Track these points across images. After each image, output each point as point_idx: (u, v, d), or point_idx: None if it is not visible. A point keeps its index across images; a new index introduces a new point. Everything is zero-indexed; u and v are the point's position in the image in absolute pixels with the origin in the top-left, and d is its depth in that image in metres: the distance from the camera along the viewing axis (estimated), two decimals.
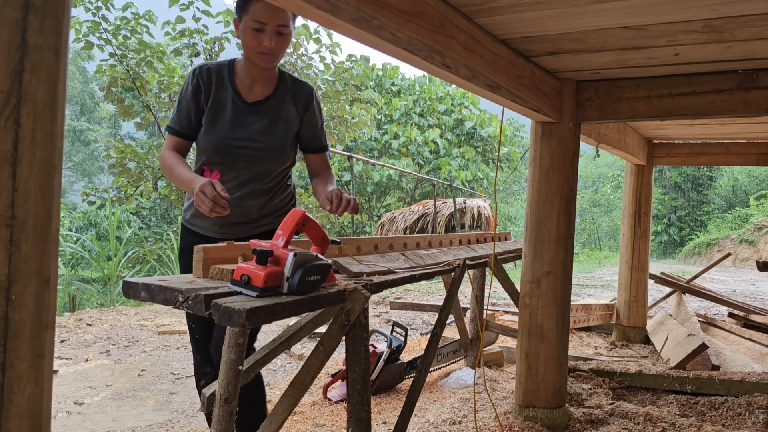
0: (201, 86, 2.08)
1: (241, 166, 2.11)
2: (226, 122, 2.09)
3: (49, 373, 0.68)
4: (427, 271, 2.15)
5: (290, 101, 2.17)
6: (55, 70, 0.66)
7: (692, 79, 2.67)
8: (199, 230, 2.19)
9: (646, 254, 4.94)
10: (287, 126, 2.16)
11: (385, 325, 5.88)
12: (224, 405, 1.58)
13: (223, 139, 2.08)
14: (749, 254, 17.18)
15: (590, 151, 3.90)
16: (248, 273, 1.40)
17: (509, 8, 1.87)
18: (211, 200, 1.78)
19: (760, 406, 3.02)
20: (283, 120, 2.15)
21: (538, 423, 2.77)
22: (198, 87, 2.09)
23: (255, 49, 1.98)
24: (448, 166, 16.19)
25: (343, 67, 10.70)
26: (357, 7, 1.35)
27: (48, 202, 0.66)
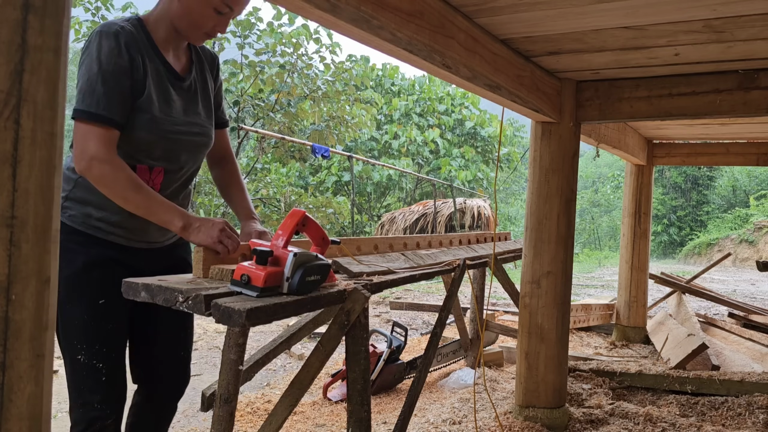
0: (131, 54, 1.56)
1: (183, 160, 1.72)
2: (162, 103, 1.64)
3: (49, 373, 0.68)
4: (427, 271, 2.15)
5: (207, 70, 1.81)
6: (55, 70, 0.66)
7: (692, 79, 2.67)
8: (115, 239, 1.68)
9: (646, 254, 4.94)
10: (212, 103, 1.81)
11: (385, 325, 5.88)
12: (224, 405, 1.58)
13: (165, 125, 1.63)
14: (749, 254, 17.18)
15: (590, 151, 3.90)
16: (248, 273, 1.40)
17: (509, 8, 1.87)
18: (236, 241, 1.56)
19: (760, 406, 3.02)
20: (208, 96, 1.80)
21: (538, 423, 2.76)
22: (129, 56, 1.56)
23: (203, 28, 1.64)
24: (448, 167, 16.19)
25: (343, 67, 10.70)
26: (357, 7, 1.35)
27: (48, 202, 0.66)
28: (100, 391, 1.64)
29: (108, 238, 1.67)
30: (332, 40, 10.54)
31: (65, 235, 1.57)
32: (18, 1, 0.62)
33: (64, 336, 1.63)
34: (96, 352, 1.63)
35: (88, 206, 1.63)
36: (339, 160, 15.22)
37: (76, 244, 1.63)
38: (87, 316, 1.62)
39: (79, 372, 1.62)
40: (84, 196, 1.62)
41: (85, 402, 1.62)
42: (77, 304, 1.61)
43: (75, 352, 1.61)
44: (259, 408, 3.17)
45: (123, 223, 1.66)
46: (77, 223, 1.63)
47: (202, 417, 3.10)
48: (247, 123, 10.74)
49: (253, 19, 9.82)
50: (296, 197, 10.32)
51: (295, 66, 9.92)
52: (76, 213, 1.64)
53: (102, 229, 1.65)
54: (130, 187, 1.51)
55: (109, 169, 1.49)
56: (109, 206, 1.61)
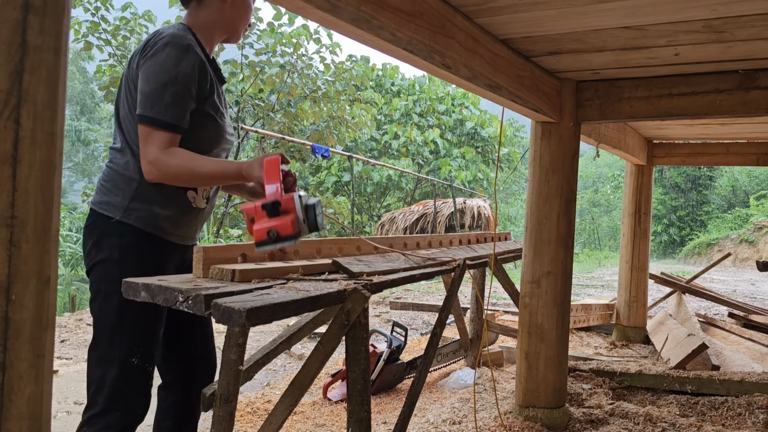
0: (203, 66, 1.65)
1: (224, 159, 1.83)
2: (220, 106, 1.76)
3: (49, 373, 0.68)
4: (427, 271, 2.15)
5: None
6: (55, 70, 0.66)
7: (692, 79, 2.67)
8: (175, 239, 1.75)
9: (646, 254, 4.94)
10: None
11: (385, 325, 5.88)
12: (224, 405, 1.58)
13: (224, 126, 1.77)
14: (749, 254, 17.18)
15: (590, 151, 3.90)
16: (274, 228, 1.43)
17: (509, 8, 1.87)
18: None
19: (760, 406, 3.02)
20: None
21: (538, 423, 2.76)
22: (203, 67, 1.65)
23: (243, 25, 1.78)
24: (448, 167, 16.19)
25: (343, 67, 10.70)
26: (357, 7, 1.35)
27: (48, 202, 0.66)
28: (145, 395, 1.66)
29: (169, 239, 1.72)
30: (332, 40, 10.54)
31: (134, 237, 1.64)
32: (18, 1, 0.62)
33: (120, 338, 1.61)
34: (150, 355, 1.66)
35: (153, 205, 1.66)
36: (339, 160, 15.22)
37: (145, 246, 1.67)
38: (150, 318, 1.65)
39: (128, 375, 1.61)
40: (150, 194, 1.65)
41: (126, 405, 1.61)
42: (144, 308, 1.60)
43: (130, 354, 1.61)
44: (259, 408, 3.17)
45: (182, 218, 1.73)
46: (144, 224, 1.66)
47: (202, 417, 3.09)
48: (247, 123, 10.74)
49: (253, 19, 9.82)
50: None
51: (295, 66, 9.92)
52: (144, 214, 1.65)
53: (165, 229, 1.70)
54: (191, 163, 1.57)
55: (166, 159, 1.55)
56: (172, 203, 1.69)
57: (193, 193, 1.75)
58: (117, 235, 1.63)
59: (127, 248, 1.63)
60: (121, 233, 1.63)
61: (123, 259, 1.62)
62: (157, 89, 1.55)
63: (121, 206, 1.65)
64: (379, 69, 18.13)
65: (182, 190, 1.71)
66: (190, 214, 1.75)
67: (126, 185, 1.65)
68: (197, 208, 1.78)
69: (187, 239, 1.80)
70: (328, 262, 1.87)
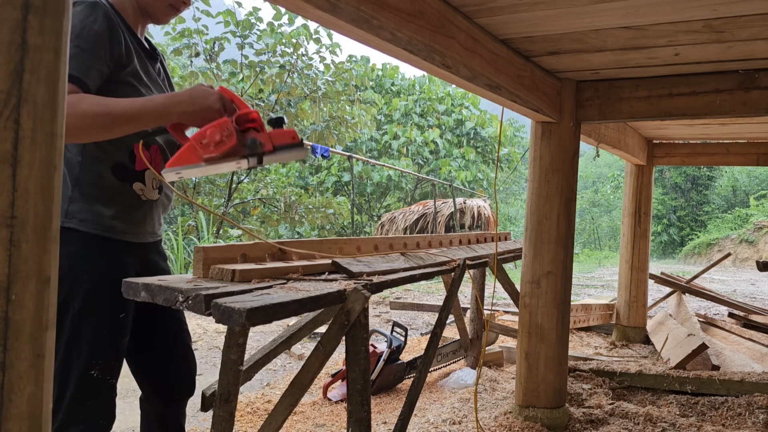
0: (110, 26, 1.48)
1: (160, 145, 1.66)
2: (147, 78, 1.61)
3: (49, 373, 0.68)
4: (427, 271, 2.15)
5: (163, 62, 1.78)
6: (55, 70, 0.66)
7: (692, 79, 2.67)
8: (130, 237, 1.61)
9: (646, 254, 4.94)
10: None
11: (385, 325, 5.88)
12: (224, 405, 1.58)
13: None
14: (749, 254, 17.18)
15: (590, 151, 3.90)
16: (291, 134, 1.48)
17: (509, 8, 1.87)
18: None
19: (760, 406, 3.02)
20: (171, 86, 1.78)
21: (538, 423, 2.76)
22: (113, 27, 1.48)
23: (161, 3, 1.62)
24: (448, 167, 16.20)
25: (343, 67, 10.71)
26: (357, 7, 1.35)
27: (48, 202, 0.66)
28: (108, 408, 1.58)
29: (123, 239, 1.59)
30: (332, 40, 10.54)
31: (82, 244, 1.50)
32: (18, 1, 0.62)
33: (77, 350, 1.51)
34: (111, 368, 1.57)
35: (96, 203, 1.53)
36: (339, 161, 15.22)
37: (95, 251, 1.53)
38: (107, 330, 1.55)
39: (88, 388, 1.52)
40: (89, 192, 1.52)
41: (89, 418, 1.53)
42: (99, 318, 1.53)
43: (88, 367, 1.52)
44: (259, 408, 3.17)
45: (133, 214, 1.60)
46: (91, 227, 1.52)
47: (202, 417, 3.10)
48: None
49: (253, 19, 9.82)
50: (296, 197, 10.32)
51: (295, 66, 9.92)
52: (88, 216, 1.52)
53: (116, 228, 1.57)
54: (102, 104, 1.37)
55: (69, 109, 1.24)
56: (117, 198, 1.56)
57: (139, 184, 1.60)
58: (64, 243, 1.42)
59: (75, 256, 1.48)
60: (68, 240, 1.46)
61: (73, 268, 1.48)
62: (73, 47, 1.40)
63: (62, 211, 1.48)
64: (379, 69, 18.14)
65: (127, 183, 1.57)
66: (142, 209, 1.62)
67: (65, 187, 1.51)
68: (149, 200, 1.64)
69: (145, 236, 1.67)
70: (328, 262, 1.87)
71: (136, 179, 1.60)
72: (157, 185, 1.66)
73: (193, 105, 1.44)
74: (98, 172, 1.53)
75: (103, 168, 1.54)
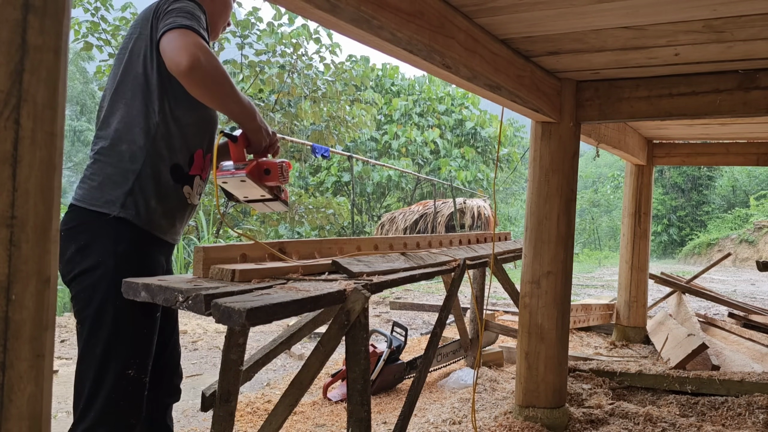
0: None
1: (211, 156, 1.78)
2: None
3: (49, 373, 0.68)
4: (427, 271, 2.15)
5: None
6: (55, 70, 0.66)
7: (692, 79, 2.67)
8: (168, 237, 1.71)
9: (646, 254, 4.94)
10: None
11: (385, 325, 5.88)
12: (224, 405, 1.58)
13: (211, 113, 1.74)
14: (749, 254, 17.18)
15: (590, 151, 3.90)
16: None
17: (509, 8, 1.87)
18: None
19: (760, 406, 3.02)
20: None
21: (538, 423, 2.76)
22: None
23: (228, 18, 1.81)
24: (448, 167, 16.19)
25: (343, 67, 10.71)
26: (357, 7, 1.35)
27: (48, 202, 0.66)
28: (139, 408, 1.59)
29: (164, 237, 1.66)
30: (332, 40, 10.55)
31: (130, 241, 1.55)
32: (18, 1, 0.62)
33: (116, 349, 1.53)
34: (146, 366, 1.59)
35: (152, 198, 1.58)
36: (339, 161, 15.22)
37: (143, 252, 1.59)
38: (148, 329, 1.59)
39: (124, 387, 1.53)
40: (148, 186, 1.58)
41: (120, 417, 1.54)
42: (140, 318, 1.56)
43: (126, 366, 1.53)
44: (259, 408, 3.17)
45: (177, 215, 1.68)
46: (142, 221, 1.58)
47: (202, 417, 3.10)
48: None
49: (253, 19, 9.82)
50: (296, 197, 10.32)
51: (295, 66, 9.92)
52: (142, 209, 1.57)
53: (162, 227, 1.64)
54: (225, 70, 1.50)
55: (212, 55, 1.46)
56: (170, 197, 1.63)
57: (188, 188, 1.70)
58: (111, 240, 1.53)
59: (122, 255, 1.54)
60: (117, 237, 1.53)
61: (118, 267, 1.53)
62: (181, 13, 1.50)
63: (117, 201, 1.54)
64: (379, 69, 18.14)
65: (179, 184, 1.66)
66: (184, 211, 1.71)
67: (122, 178, 1.56)
68: (191, 204, 1.74)
69: (176, 237, 1.75)
70: (328, 262, 1.87)
71: (186, 182, 1.68)
72: (200, 192, 1.77)
73: (261, 121, 1.64)
74: (159, 169, 1.60)
75: (164, 166, 1.61)
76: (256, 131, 1.63)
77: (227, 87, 1.49)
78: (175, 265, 8.05)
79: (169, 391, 1.82)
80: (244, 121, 1.60)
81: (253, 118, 1.61)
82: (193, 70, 1.41)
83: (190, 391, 3.68)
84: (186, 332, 5.29)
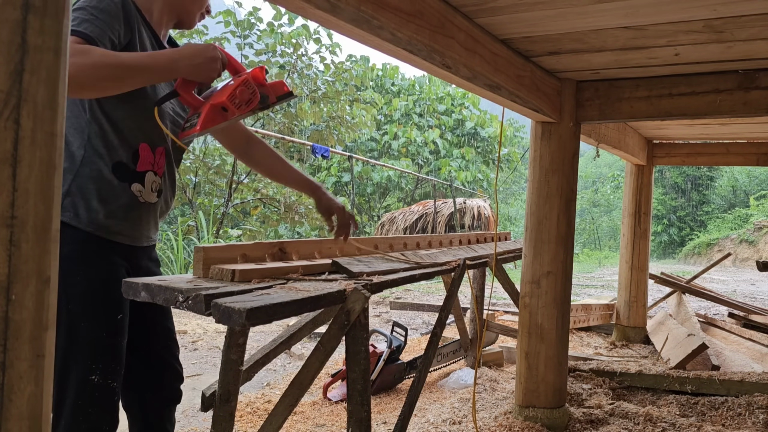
0: (129, 15, 1.51)
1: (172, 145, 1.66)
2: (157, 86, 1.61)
3: (49, 373, 0.68)
4: (427, 271, 2.15)
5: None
6: (55, 70, 0.66)
7: (692, 79, 2.67)
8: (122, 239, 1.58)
9: (646, 254, 4.94)
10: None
11: (385, 325, 5.88)
12: (224, 405, 1.58)
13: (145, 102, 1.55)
14: (749, 254, 17.18)
15: (590, 151, 3.90)
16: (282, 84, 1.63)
17: (509, 8, 1.87)
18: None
19: (760, 406, 3.02)
20: None
21: (538, 423, 2.76)
22: (129, 15, 1.51)
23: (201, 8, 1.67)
24: (448, 167, 16.20)
25: (342, 67, 10.71)
26: (357, 7, 1.35)
27: (48, 202, 0.66)
28: (110, 414, 1.54)
29: (116, 239, 1.56)
30: (332, 40, 10.55)
31: (74, 243, 1.46)
32: (18, 1, 0.62)
33: (74, 356, 1.48)
34: (111, 371, 1.53)
35: (92, 198, 1.49)
36: (339, 161, 15.22)
37: (91, 253, 1.51)
38: (105, 333, 1.52)
39: (89, 394, 1.48)
40: (87, 187, 1.49)
41: (92, 425, 1.49)
42: (96, 322, 1.50)
43: (88, 372, 1.48)
44: (259, 408, 3.17)
45: (129, 215, 1.57)
46: (84, 224, 1.49)
47: (202, 417, 3.10)
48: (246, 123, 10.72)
49: (253, 19, 9.82)
50: (296, 197, 10.31)
51: (295, 66, 9.93)
52: (82, 212, 1.49)
53: (109, 228, 1.53)
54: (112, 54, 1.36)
55: (77, 55, 1.29)
56: (114, 196, 1.53)
57: (138, 185, 1.57)
58: None
59: (67, 257, 1.35)
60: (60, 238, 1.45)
61: (65, 270, 1.37)
62: (76, 11, 1.40)
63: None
64: (379, 69, 18.14)
65: (126, 183, 1.55)
66: (137, 211, 1.58)
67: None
68: (146, 203, 1.61)
69: (140, 239, 1.64)
70: (328, 262, 1.87)
71: (135, 180, 1.57)
72: (157, 188, 1.64)
73: (199, 56, 1.45)
74: (99, 168, 1.51)
75: (104, 165, 1.52)
76: (193, 71, 1.46)
77: (113, 73, 1.35)
78: (175, 265, 8.04)
79: (169, 395, 1.79)
80: (171, 72, 1.45)
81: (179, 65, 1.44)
82: (78, 83, 1.30)
83: (190, 391, 3.68)
84: (186, 332, 5.29)
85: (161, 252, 10.52)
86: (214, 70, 1.48)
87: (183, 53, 1.45)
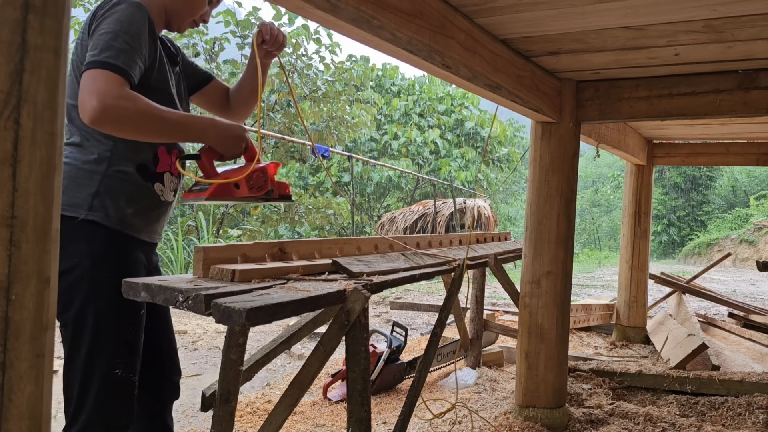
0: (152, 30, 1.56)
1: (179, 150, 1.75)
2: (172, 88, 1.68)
3: (49, 373, 0.68)
4: (427, 271, 2.15)
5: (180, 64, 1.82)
6: (55, 70, 0.66)
7: (692, 79, 2.67)
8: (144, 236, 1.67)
9: (646, 254, 4.94)
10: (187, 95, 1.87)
11: (385, 325, 5.88)
12: (224, 405, 1.58)
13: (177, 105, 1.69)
14: (749, 254, 17.17)
15: (590, 151, 3.90)
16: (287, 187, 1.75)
17: (509, 8, 1.87)
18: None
19: (760, 406, 3.02)
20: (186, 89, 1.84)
21: (538, 423, 2.76)
22: (151, 31, 1.55)
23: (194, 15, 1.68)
24: (448, 167, 16.19)
25: (342, 67, 10.71)
26: (357, 7, 1.35)
27: (48, 202, 0.66)
28: (130, 408, 1.58)
29: (140, 236, 1.64)
30: (332, 40, 10.54)
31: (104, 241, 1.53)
32: (18, 1, 0.62)
33: (100, 350, 1.52)
34: (133, 365, 1.57)
35: (120, 199, 1.56)
36: (339, 161, 15.21)
37: (117, 249, 1.56)
38: (132, 327, 1.58)
39: (111, 388, 1.52)
40: (115, 187, 1.55)
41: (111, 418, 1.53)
42: (122, 317, 1.55)
43: (112, 366, 1.52)
44: (259, 408, 3.17)
45: (151, 213, 1.65)
46: (113, 222, 1.55)
47: (202, 417, 3.10)
48: (247, 123, 10.73)
49: (253, 19, 9.82)
50: (296, 197, 10.32)
51: (294, 66, 9.92)
52: (112, 211, 1.55)
53: (135, 226, 1.61)
54: (156, 108, 1.42)
55: (125, 100, 1.36)
56: (140, 196, 1.60)
57: (159, 185, 1.66)
58: (85, 241, 1.51)
59: (98, 254, 1.51)
60: (90, 237, 1.51)
61: (96, 267, 1.50)
62: (109, 37, 1.41)
63: (85, 203, 1.52)
64: (379, 69, 18.13)
65: (149, 183, 1.63)
66: (159, 209, 1.67)
67: (88, 180, 1.53)
68: (166, 201, 1.69)
69: (155, 236, 1.72)
70: (328, 262, 1.87)
71: (156, 180, 1.65)
72: (174, 188, 1.72)
73: (229, 131, 1.58)
74: (125, 169, 1.58)
75: (129, 166, 1.59)
76: (220, 143, 1.57)
77: (152, 126, 1.43)
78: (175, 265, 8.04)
79: (169, 389, 1.82)
80: (201, 138, 1.57)
81: (209, 133, 1.55)
82: (99, 122, 1.35)
83: (190, 391, 3.67)
84: (186, 332, 5.29)
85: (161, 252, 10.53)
86: (239, 148, 1.61)
87: (217, 125, 1.57)
